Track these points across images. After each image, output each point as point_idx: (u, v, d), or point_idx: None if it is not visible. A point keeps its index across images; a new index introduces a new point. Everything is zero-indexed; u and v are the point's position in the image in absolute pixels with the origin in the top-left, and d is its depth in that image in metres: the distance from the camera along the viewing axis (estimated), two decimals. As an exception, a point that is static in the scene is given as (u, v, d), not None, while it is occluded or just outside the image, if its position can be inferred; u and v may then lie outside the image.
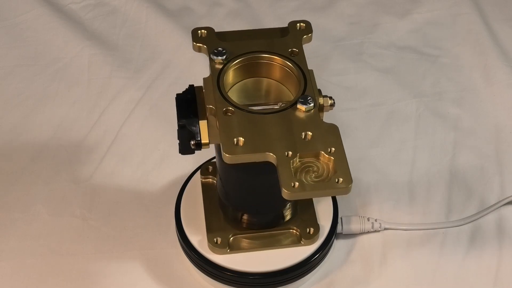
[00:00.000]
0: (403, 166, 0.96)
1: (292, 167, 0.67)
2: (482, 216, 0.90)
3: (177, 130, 0.74)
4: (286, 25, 0.79)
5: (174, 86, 1.06)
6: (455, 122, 1.01)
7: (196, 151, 0.75)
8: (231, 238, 0.81)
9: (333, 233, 0.84)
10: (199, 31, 0.78)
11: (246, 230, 0.82)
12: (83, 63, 1.09)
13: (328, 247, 0.83)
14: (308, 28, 0.79)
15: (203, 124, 0.73)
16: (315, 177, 0.67)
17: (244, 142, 0.68)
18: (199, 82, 0.77)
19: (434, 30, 1.15)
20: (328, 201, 0.86)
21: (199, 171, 0.88)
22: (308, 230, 0.82)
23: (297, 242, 0.82)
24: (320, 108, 0.73)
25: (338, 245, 0.87)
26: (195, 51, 0.78)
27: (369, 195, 0.93)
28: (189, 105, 0.74)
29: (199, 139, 0.73)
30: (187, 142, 0.74)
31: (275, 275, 0.80)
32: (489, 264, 0.86)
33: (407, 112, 1.03)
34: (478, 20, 1.15)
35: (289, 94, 0.76)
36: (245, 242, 0.82)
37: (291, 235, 0.82)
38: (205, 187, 0.86)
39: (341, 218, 0.87)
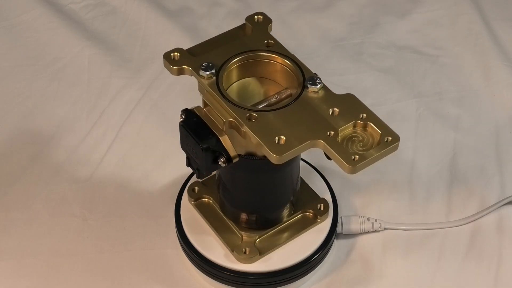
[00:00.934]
0: (403, 166, 0.96)
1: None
2: (482, 216, 0.90)
3: (195, 157, 0.74)
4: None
5: (174, 86, 1.06)
6: (455, 122, 1.01)
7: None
8: (257, 242, 0.81)
9: (333, 233, 0.84)
10: (171, 54, 0.76)
11: (265, 230, 0.82)
12: (83, 63, 1.10)
13: (328, 247, 0.83)
14: (266, 19, 0.80)
15: (225, 140, 0.72)
16: (362, 145, 0.69)
17: (286, 139, 0.69)
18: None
19: (434, 30, 1.15)
20: (328, 201, 0.86)
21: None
22: (319, 206, 0.83)
23: (313, 222, 0.83)
24: None
25: (338, 245, 0.87)
26: (175, 75, 0.76)
27: (369, 195, 0.93)
28: (201, 127, 0.73)
29: (227, 155, 0.72)
30: (213, 164, 0.73)
31: (275, 275, 0.80)
32: (489, 264, 0.86)
33: (407, 112, 1.03)
34: (478, 20, 1.15)
35: (279, 85, 0.77)
36: (269, 241, 0.82)
37: (305, 218, 0.83)
38: (201, 207, 0.84)
39: (341, 218, 0.87)
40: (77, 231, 0.89)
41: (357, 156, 0.67)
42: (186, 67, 0.75)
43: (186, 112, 0.74)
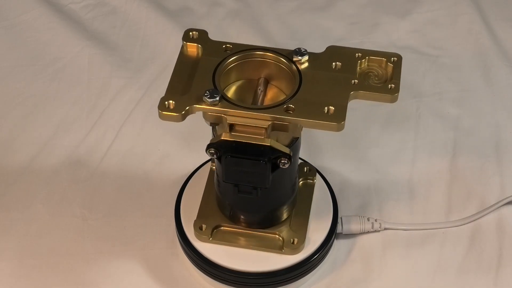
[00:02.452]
0: (403, 166, 0.96)
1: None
2: (482, 216, 0.90)
3: (251, 179, 0.72)
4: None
5: (174, 86, 1.06)
6: (455, 122, 1.01)
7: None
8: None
9: (333, 233, 0.84)
10: (166, 103, 0.70)
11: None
12: (83, 63, 1.09)
13: (328, 247, 0.83)
14: (200, 31, 0.78)
15: (273, 143, 0.71)
16: (378, 78, 0.76)
17: (332, 107, 0.71)
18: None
19: (434, 30, 1.15)
20: (328, 201, 0.86)
21: (198, 170, 0.88)
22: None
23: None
24: None
25: (338, 245, 0.87)
26: (182, 120, 0.71)
27: (369, 195, 0.93)
28: (244, 146, 0.71)
29: (285, 154, 0.71)
30: (272, 172, 0.72)
31: (275, 275, 0.80)
32: (489, 264, 0.86)
33: (407, 112, 1.03)
34: (478, 20, 1.15)
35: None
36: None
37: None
38: (220, 237, 0.83)
39: (341, 218, 0.87)
40: (77, 231, 0.89)
41: (392, 85, 0.74)
42: (188, 107, 0.70)
43: (215, 146, 0.72)
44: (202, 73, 0.74)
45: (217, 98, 0.70)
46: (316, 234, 0.83)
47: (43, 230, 0.89)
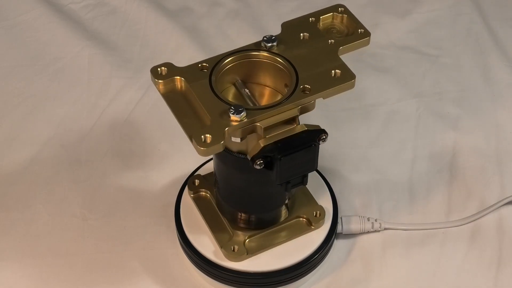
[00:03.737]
0: (403, 166, 0.96)
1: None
2: (482, 216, 0.90)
3: (303, 168, 0.72)
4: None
5: (174, 86, 1.06)
6: (455, 122, 1.01)
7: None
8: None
9: (333, 233, 0.84)
10: (202, 137, 0.68)
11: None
12: (83, 63, 1.10)
13: (328, 247, 0.83)
14: (169, 65, 0.75)
15: (306, 126, 0.72)
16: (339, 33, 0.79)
17: (338, 71, 0.74)
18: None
19: (434, 30, 1.15)
20: (328, 201, 0.86)
21: (198, 170, 0.89)
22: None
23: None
24: None
25: (338, 245, 0.87)
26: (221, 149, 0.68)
27: (369, 195, 0.93)
28: (291, 139, 0.71)
29: (322, 131, 0.72)
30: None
31: (275, 275, 0.80)
32: (489, 264, 0.86)
33: (407, 112, 1.03)
34: (478, 20, 1.15)
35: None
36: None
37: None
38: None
39: (341, 218, 0.87)
40: (77, 231, 0.89)
41: (361, 30, 0.80)
42: (226, 130, 0.68)
43: (261, 155, 0.70)
44: (202, 99, 0.71)
45: (243, 111, 0.69)
46: (316, 234, 0.83)
47: (43, 230, 0.89)
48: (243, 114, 0.69)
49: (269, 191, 0.79)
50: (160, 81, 0.73)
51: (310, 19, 0.79)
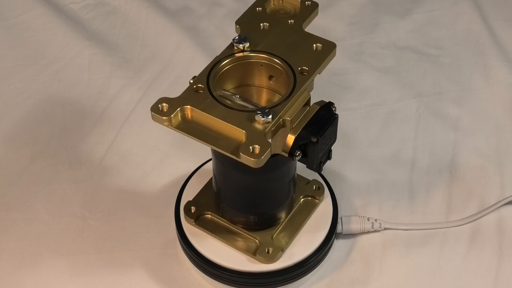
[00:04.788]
0: (403, 166, 0.96)
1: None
2: (482, 216, 0.90)
3: (329, 143, 0.73)
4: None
5: (174, 86, 1.06)
6: (455, 122, 1.01)
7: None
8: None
9: (333, 233, 0.84)
10: (252, 148, 0.67)
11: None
12: (83, 63, 1.10)
13: (328, 247, 0.83)
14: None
15: (318, 103, 0.74)
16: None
17: (319, 45, 0.77)
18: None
19: (434, 30, 1.15)
20: (328, 201, 0.86)
21: (198, 171, 0.89)
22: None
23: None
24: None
25: (338, 245, 0.87)
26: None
27: (369, 195, 0.93)
28: (315, 118, 0.72)
29: (330, 103, 0.74)
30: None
31: (275, 274, 0.80)
32: (489, 264, 0.86)
33: (407, 112, 1.03)
34: (478, 20, 1.15)
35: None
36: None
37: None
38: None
39: (341, 218, 0.87)
40: (77, 231, 0.89)
41: (308, 2, 0.80)
42: (269, 140, 0.69)
43: (300, 145, 0.71)
44: (223, 116, 0.69)
45: (270, 111, 0.69)
46: (316, 234, 0.83)
47: (43, 230, 0.89)
48: (271, 114, 0.69)
49: (280, 185, 0.80)
50: (165, 118, 0.69)
51: (257, 9, 0.80)
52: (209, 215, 0.84)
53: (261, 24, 0.78)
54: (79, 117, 1.02)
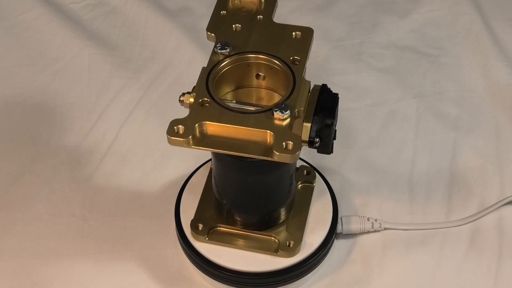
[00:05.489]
0: (403, 166, 0.96)
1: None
2: (482, 216, 0.90)
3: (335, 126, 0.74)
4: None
5: (174, 86, 1.06)
6: (455, 122, 1.01)
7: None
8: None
9: (333, 233, 0.84)
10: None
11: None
12: (83, 63, 1.10)
13: (328, 247, 0.83)
14: None
15: (317, 85, 0.76)
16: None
17: (299, 33, 0.78)
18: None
19: (434, 30, 1.15)
20: (328, 201, 0.86)
21: (198, 171, 0.88)
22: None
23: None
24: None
25: (338, 245, 0.87)
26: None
27: (369, 195, 0.93)
28: (320, 102, 0.73)
29: (324, 85, 0.76)
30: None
31: (275, 275, 0.80)
32: (489, 264, 0.86)
33: (407, 112, 1.03)
34: (478, 20, 1.15)
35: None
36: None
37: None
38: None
39: (341, 218, 0.87)
40: (77, 231, 0.89)
41: None
42: (298, 140, 0.69)
43: (317, 134, 0.72)
44: (243, 123, 0.69)
45: (286, 105, 0.70)
46: (316, 234, 0.83)
47: (43, 230, 0.89)
48: (288, 108, 0.70)
49: (288, 179, 0.80)
50: (184, 139, 0.69)
51: (221, 12, 0.80)
52: (219, 228, 0.83)
53: (233, 26, 0.78)
54: (79, 117, 1.02)
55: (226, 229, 0.82)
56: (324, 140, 0.73)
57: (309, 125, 0.72)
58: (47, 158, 0.97)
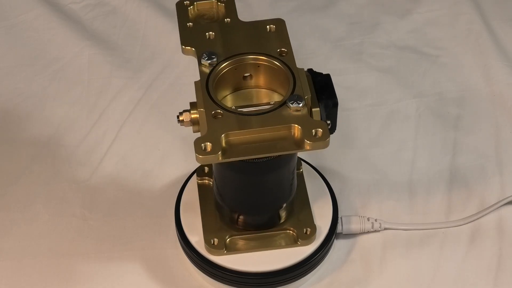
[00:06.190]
0: (403, 166, 0.96)
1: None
2: (482, 216, 0.90)
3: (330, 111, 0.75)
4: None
5: (174, 86, 1.06)
6: (455, 122, 1.01)
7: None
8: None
9: (333, 233, 0.84)
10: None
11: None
12: (83, 63, 1.10)
13: (328, 247, 0.83)
14: None
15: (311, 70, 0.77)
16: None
17: (273, 29, 0.78)
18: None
19: (434, 30, 1.15)
20: (328, 201, 0.86)
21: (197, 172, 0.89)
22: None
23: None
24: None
25: (338, 245, 0.87)
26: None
27: (369, 195, 0.93)
28: (324, 88, 0.75)
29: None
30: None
31: (275, 275, 0.80)
32: (489, 264, 0.86)
33: (407, 112, 1.03)
34: (478, 20, 1.15)
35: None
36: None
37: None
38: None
39: (341, 218, 0.87)
40: (77, 231, 0.89)
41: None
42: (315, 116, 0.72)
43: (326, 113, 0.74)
44: (264, 123, 0.70)
45: (299, 96, 0.71)
46: (316, 234, 0.83)
47: (43, 230, 0.89)
48: (301, 98, 0.70)
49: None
50: (215, 155, 0.68)
51: (188, 24, 0.79)
52: (233, 237, 0.82)
53: (206, 34, 0.78)
54: (79, 117, 1.02)
55: (240, 236, 0.82)
56: (332, 121, 0.74)
57: (317, 109, 0.72)
58: (47, 158, 0.97)
